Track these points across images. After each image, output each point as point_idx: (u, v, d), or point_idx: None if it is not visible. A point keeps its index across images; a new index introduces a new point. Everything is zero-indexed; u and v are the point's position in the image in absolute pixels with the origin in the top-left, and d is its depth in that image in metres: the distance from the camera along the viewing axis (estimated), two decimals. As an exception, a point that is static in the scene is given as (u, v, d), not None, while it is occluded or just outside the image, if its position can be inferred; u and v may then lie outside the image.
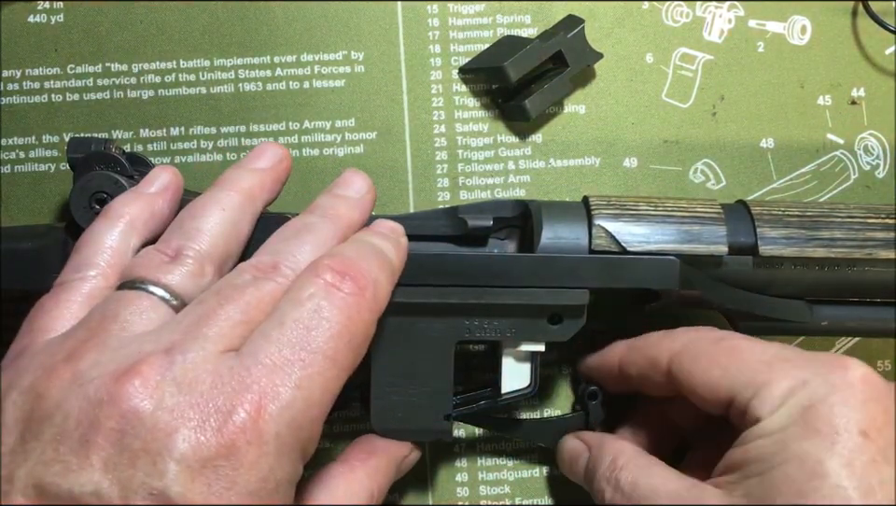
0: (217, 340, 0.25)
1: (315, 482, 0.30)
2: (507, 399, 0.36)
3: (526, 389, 0.35)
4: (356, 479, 0.31)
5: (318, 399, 0.25)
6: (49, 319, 0.28)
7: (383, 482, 0.33)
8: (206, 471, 0.23)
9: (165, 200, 0.31)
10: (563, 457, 0.37)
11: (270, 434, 0.24)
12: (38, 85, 0.41)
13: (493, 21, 0.42)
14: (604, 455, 0.34)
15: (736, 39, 0.42)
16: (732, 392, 0.30)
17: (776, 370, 0.30)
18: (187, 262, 0.28)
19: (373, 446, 0.34)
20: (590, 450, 0.35)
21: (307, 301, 0.26)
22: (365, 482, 0.31)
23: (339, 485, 0.31)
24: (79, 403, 0.24)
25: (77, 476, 0.23)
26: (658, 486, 0.31)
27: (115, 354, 0.25)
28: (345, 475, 0.31)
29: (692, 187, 0.41)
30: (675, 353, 0.32)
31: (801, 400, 0.29)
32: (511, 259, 0.33)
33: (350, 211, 0.31)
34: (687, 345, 0.32)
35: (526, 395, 0.36)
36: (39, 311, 0.28)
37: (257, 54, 0.41)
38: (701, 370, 0.31)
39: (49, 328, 0.27)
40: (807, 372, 0.29)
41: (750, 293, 0.35)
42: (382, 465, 0.33)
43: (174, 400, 0.24)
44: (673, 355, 0.32)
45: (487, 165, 0.41)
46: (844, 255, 0.34)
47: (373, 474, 0.32)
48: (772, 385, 0.29)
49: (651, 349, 0.34)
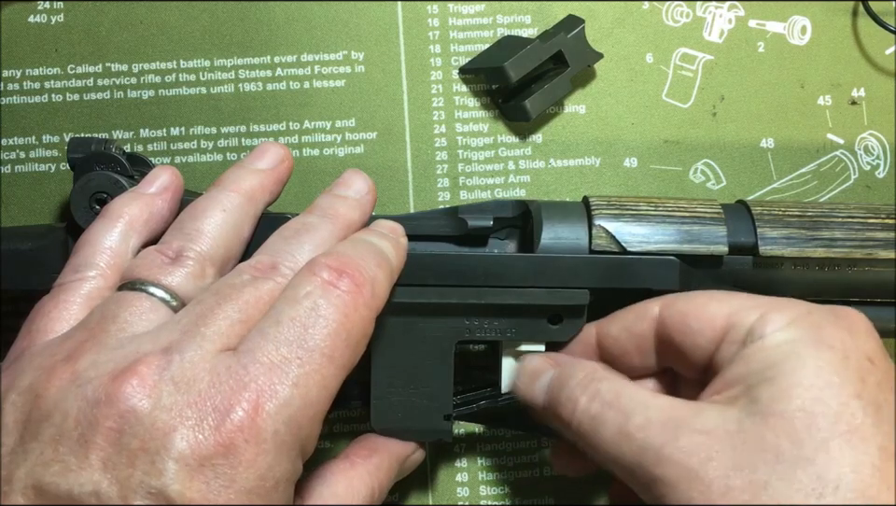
0: (215, 339, 0.25)
1: (316, 478, 0.30)
2: (507, 398, 0.36)
3: None
4: (357, 476, 0.31)
5: (316, 396, 0.25)
6: (49, 321, 0.28)
7: (384, 480, 0.33)
8: (205, 470, 0.23)
9: (165, 200, 0.31)
10: (521, 376, 0.34)
11: (268, 432, 0.24)
12: (38, 85, 0.41)
13: (493, 21, 0.42)
14: (576, 370, 0.31)
15: (737, 39, 0.42)
16: (731, 319, 0.29)
17: (779, 302, 0.29)
18: (188, 264, 0.28)
19: (376, 444, 0.33)
20: (559, 367, 0.32)
21: (304, 299, 0.26)
22: (366, 479, 0.31)
23: (339, 482, 0.31)
24: (78, 403, 0.24)
25: (77, 476, 0.23)
26: (647, 399, 0.29)
27: (113, 354, 0.25)
28: (346, 472, 0.31)
29: (692, 187, 0.41)
30: (667, 301, 0.32)
31: (809, 321, 0.28)
32: (511, 259, 0.33)
33: (350, 211, 0.31)
34: (678, 295, 0.32)
35: None
36: (39, 312, 0.28)
37: (257, 54, 0.41)
38: (697, 305, 0.30)
39: (49, 329, 0.27)
40: (810, 306, 0.29)
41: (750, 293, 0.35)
42: (384, 463, 0.33)
43: (171, 399, 0.24)
44: (665, 301, 0.32)
45: (487, 165, 0.41)
46: (844, 255, 0.34)
47: (375, 472, 0.32)
48: (777, 311, 0.29)
49: (636, 308, 0.32)
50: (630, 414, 0.28)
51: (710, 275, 0.34)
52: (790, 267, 0.35)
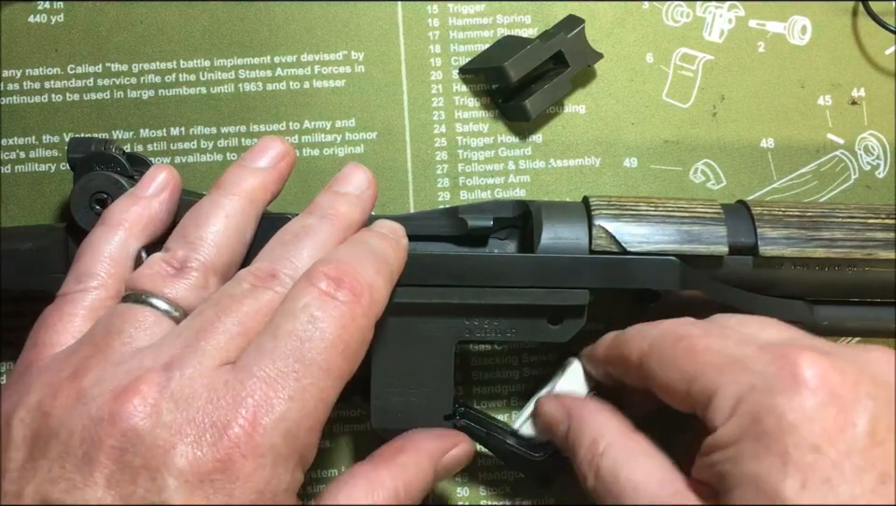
0: (214, 354, 0.26)
1: (338, 481, 0.30)
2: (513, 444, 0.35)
3: None
4: (377, 478, 0.30)
5: (313, 408, 0.25)
6: (54, 333, 0.28)
7: (412, 479, 0.31)
8: (204, 485, 0.23)
9: (162, 202, 0.31)
10: (541, 420, 0.34)
11: (265, 446, 0.24)
12: (38, 85, 0.41)
13: (493, 21, 0.42)
14: (584, 432, 0.31)
15: (737, 39, 0.42)
16: (689, 398, 0.28)
17: (725, 374, 0.27)
18: (191, 275, 0.29)
19: (404, 444, 0.32)
20: (570, 420, 0.32)
21: (301, 312, 0.26)
22: (387, 481, 0.30)
23: (359, 484, 0.30)
24: (83, 422, 0.24)
25: (82, 493, 0.23)
26: (640, 484, 0.28)
27: (116, 370, 0.25)
28: (367, 475, 0.30)
29: (692, 187, 0.41)
30: (643, 353, 0.30)
31: (749, 408, 0.25)
32: (511, 259, 0.33)
33: (350, 209, 0.31)
34: (653, 345, 0.30)
35: None
36: (43, 324, 0.29)
37: (257, 54, 0.41)
38: (663, 373, 0.29)
39: (54, 342, 0.28)
40: (755, 374, 0.26)
41: (751, 293, 0.35)
42: (410, 462, 0.31)
43: (171, 416, 0.24)
44: (642, 355, 0.30)
45: (487, 165, 0.41)
46: (844, 255, 0.34)
47: (399, 473, 0.31)
48: (721, 392, 0.26)
49: (625, 347, 0.31)
50: (620, 499, 0.28)
51: (710, 275, 0.34)
52: (790, 267, 0.35)
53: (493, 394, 0.40)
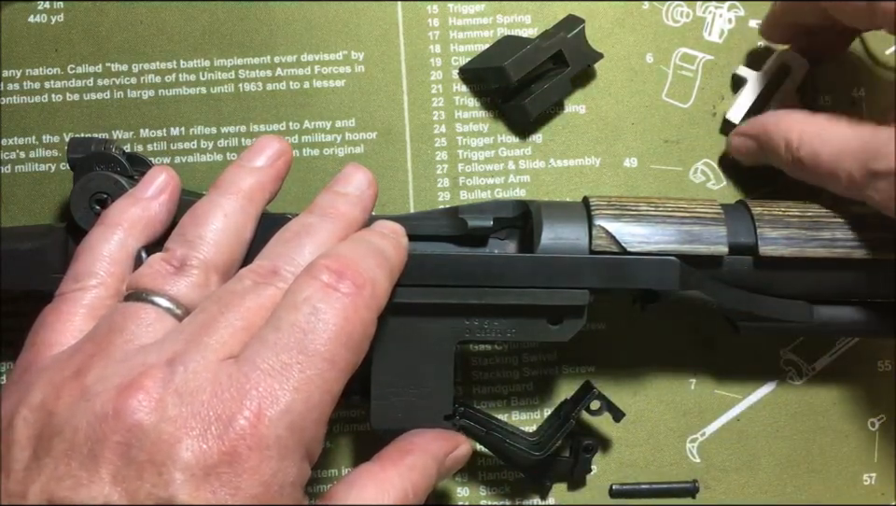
0: (218, 348, 0.26)
1: (346, 482, 0.30)
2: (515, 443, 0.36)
3: None
4: (387, 478, 0.30)
5: (318, 400, 0.25)
6: (53, 333, 0.28)
7: (419, 480, 0.31)
8: (210, 479, 0.23)
9: (161, 203, 0.32)
10: (735, 151, 0.40)
11: (270, 439, 0.24)
12: (38, 85, 0.41)
13: (493, 21, 0.42)
14: (776, 141, 0.36)
15: (736, 39, 0.42)
16: None
17: None
18: (192, 273, 0.29)
19: (410, 444, 0.32)
20: (758, 140, 0.38)
21: (303, 304, 0.26)
22: (396, 481, 0.30)
23: (367, 485, 0.30)
24: (87, 418, 0.24)
25: (88, 490, 0.23)
26: (839, 148, 0.34)
27: (119, 367, 0.25)
28: (376, 475, 0.30)
29: (692, 187, 0.41)
30: None
31: None
32: (511, 259, 0.33)
33: (350, 209, 0.31)
34: None
35: None
36: (42, 324, 0.28)
37: (257, 54, 0.41)
38: None
39: (54, 341, 0.28)
40: None
41: (751, 293, 0.35)
42: (418, 463, 0.32)
43: (176, 410, 0.24)
44: None
45: (487, 165, 0.41)
46: (844, 255, 0.34)
47: (407, 473, 0.31)
48: None
49: None
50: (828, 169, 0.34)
51: (710, 275, 0.34)
52: (790, 267, 0.35)
53: (493, 394, 0.41)
